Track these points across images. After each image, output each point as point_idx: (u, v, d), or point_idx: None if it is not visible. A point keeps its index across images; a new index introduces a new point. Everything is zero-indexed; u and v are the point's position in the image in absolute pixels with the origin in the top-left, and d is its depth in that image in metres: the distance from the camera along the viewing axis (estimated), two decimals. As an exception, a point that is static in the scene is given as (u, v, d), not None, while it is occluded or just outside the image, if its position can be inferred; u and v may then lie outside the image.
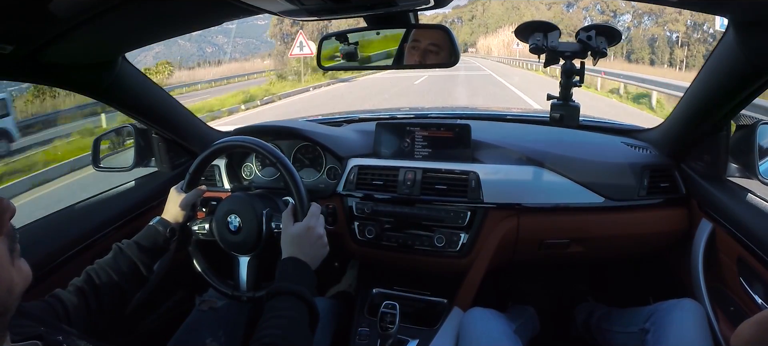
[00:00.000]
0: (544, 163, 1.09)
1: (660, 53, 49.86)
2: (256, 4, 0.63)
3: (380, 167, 1.16)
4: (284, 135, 1.25)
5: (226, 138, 0.95)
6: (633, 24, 55.76)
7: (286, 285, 0.70)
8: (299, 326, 0.66)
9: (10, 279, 0.37)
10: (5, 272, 0.36)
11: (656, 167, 1.09)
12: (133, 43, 0.86)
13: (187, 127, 1.23)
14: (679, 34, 49.43)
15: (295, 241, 0.77)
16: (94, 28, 0.62)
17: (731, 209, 0.91)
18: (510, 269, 1.23)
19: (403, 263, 1.16)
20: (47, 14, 0.55)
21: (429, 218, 1.10)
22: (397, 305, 0.97)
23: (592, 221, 1.09)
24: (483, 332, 0.89)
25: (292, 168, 0.87)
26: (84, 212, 1.04)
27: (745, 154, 0.94)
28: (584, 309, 1.30)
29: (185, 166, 1.02)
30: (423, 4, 0.72)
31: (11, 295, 0.37)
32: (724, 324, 0.89)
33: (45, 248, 0.89)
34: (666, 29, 51.38)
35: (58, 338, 0.51)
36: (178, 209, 0.91)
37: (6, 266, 0.36)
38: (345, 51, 0.89)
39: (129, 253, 0.81)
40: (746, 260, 0.86)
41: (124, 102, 1.02)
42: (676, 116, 1.06)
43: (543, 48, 0.79)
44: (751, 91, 0.79)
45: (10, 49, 0.62)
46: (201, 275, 0.97)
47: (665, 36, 51.55)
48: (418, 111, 1.64)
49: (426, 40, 0.86)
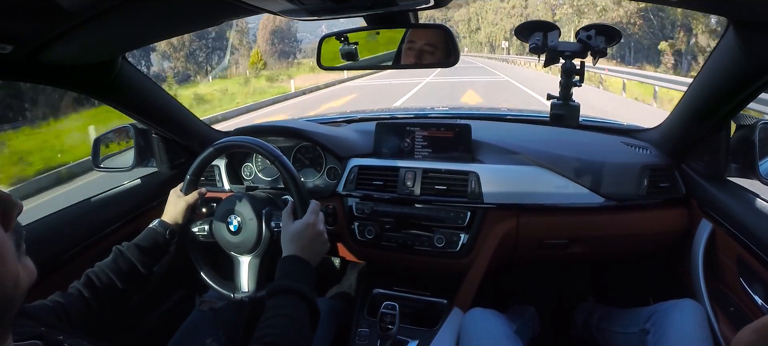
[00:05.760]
0: (544, 164, 1.09)
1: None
2: (256, 4, 0.63)
3: (380, 167, 1.16)
4: (284, 135, 1.25)
5: (226, 138, 0.95)
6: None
7: (287, 283, 0.70)
8: (299, 324, 0.66)
9: (17, 273, 0.37)
10: (12, 266, 0.36)
11: (656, 167, 1.08)
12: (133, 43, 0.86)
13: (187, 127, 1.23)
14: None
15: (294, 238, 0.77)
16: (95, 28, 0.62)
17: (731, 209, 0.91)
18: (510, 269, 1.23)
19: (403, 263, 1.16)
20: (47, 14, 0.55)
21: (429, 218, 1.10)
22: (397, 305, 0.97)
23: (591, 221, 1.09)
24: (483, 333, 0.89)
25: (291, 167, 0.87)
26: (84, 212, 1.04)
27: (745, 154, 0.94)
28: (584, 309, 1.30)
29: (185, 166, 1.02)
30: (423, 3, 0.72)
31: (17, 289, 0.37)
32: (724, 325, 0.89)
33: (45, 248, 0.89)
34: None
35: (58, 338, 0.51)
36: (178, 211, 0.91)
37: (13, 260, 0.37)
38: (345, 51, 0.89)
39: (129, 255, 0.81)
40: (746, 260, 0.86)
41: (124, 102, 1.02)
42: (676, 116, 1.06)
43: (543, 48, 0.79)
44: (751, 91, 0.79)
45: (10, 49, 0.62)
46: (201, 275, 0.97)
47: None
48: (418, 111, 1.65)
49: (426, 40, 0.86)
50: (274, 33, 29.19)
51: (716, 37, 4.75)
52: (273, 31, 28.89)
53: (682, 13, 19.66)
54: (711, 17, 14.58)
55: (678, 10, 15.99)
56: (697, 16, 18.27)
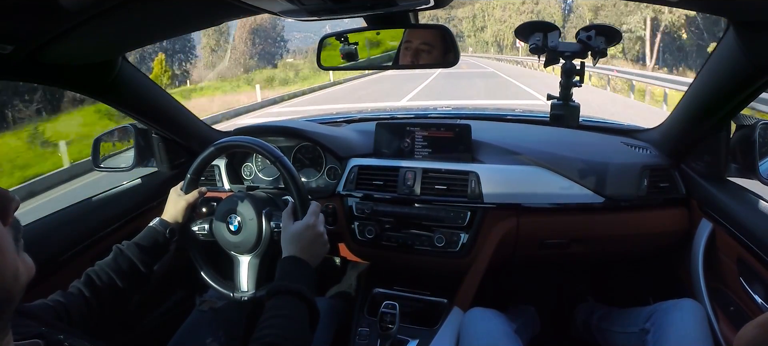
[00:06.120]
0: (544, 163, 1.09)
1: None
2: (256, 4, 0.63)
3: (380, 167, 1.16)
4: (284, 135, 1.25)
5: (226, 138, 0.95)
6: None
7: (286, 284, 0.70)
8: (299, 324, 0.66)
9: (16, 266, 0.37)
10: (11, 259, 0.37)
11: (656, 167, 1.08)
12: (133, 43, 0.86)
13: (187, 127, 1.23)
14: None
15: (294, 239, 0.77)
16: (94, 28, 0.62)
17: (731, 209, 0.91)
18: (510, 269, 1.23)
19: (403, 262, 1.16)
20: (47, 14, 0.55)
21: (429, 218, 1.10)
22: (397, 305, 0.97)
23: (592, 221, 1.09)
24: (483, 332, 0.89)
25: (291, 167, 0.87)
26: (84, 212, 1.04)
27: (745, 154, 0.94)
28: (584, 309, 1.30)
29: (185, 166, 1.02)
30: (423, 4, 0.72)
31: (16, 282, 0.37)
32: (724, 324, 0.89)
33: (46, 248, 0.89)
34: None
35: (59, 337, 0.51)
36: (178, 210, 0.91)
37: (11, 253, 0.37)
38: (345, 51, 0.89)
39: (129, 254, 0.81)
40: (746, 260, 0.86)
41: (124, 102, 1.02)
42: (676, 116, 1.06)
43: (543, 48, 0.79)
44: (751, 92, 0.79)
45: (10, 49, 0.62)
46: (201, 275, 0.97)
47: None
48: (418, 111, 1.65)
49: (425, 40, 0.86)
50: (255, 32, 25.60)
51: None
52: (254, 30, 25.27)
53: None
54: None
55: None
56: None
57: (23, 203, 1.17)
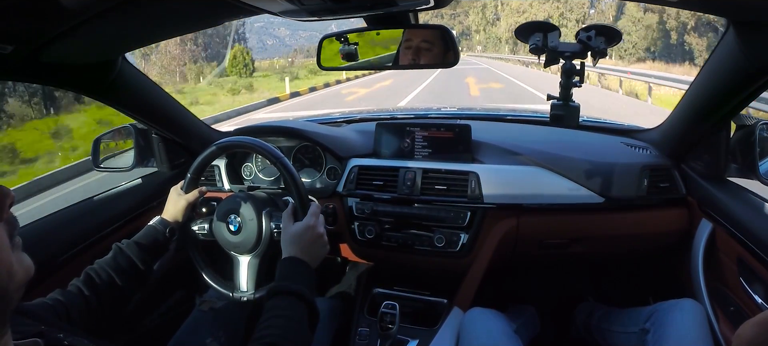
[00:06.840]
0: (544, 164, 1.09)
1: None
2: (256, 4, 0.63)
3: (380, 167, 1.16)
4: (284, 135, 1.25)
5: (226, 138, 0.95)
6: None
7: (286, 285, 0.70)
8: (299, 325, 0.66)
9: (10, 263, 0.36)
10: (5, 256, 0.36)
11: (656, 167, 1.08)
12: (133, 43, 0.86)
13: (187, 127, 1.23)
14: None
15: (295, 240, 0.77)
16: (94, 27, 0.62)
17: (731, 209, 0.91)
18: (510, 269, 1.23)
19: (403, 263, 1.16)
20: (47, 14, 0.55)
21: (429, 218, 1.10)
22: (397, 305, 0.97)
23: (591, 221, 1.09)
24: (483, 332, 0.89)
25: (291, 168, 0.87)
26: (84, 212, 1.04)
27: (745, 154, 0.94)
28: (584, 309, 1.30)
29: (185, 166, 1.02)
30: (423, 4, 0.72)
31: (12, 280, 0.36)
32: (724, 324, 0.89)
33: (45, 247, 0.89)
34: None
35: (58, 336, 0.51)
36: (178, 209, 0.91)
37: (6, 249, 0.36)
38: (345, 51, 0.89)
39: (129, 252, 0.81)
40: (746, 260, 0.86)
41: (124, 102, 1.02)
42: (676, 116, 1.06)
43: (543, 48, 0.79)
44: (751, 91, 0.80)
45: (10, 49, 0.62)
46: (201, 275, 0.97)
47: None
48: (418, 111, 1.65)
49: (425, 40, 0.86)
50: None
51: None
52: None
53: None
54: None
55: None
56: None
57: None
